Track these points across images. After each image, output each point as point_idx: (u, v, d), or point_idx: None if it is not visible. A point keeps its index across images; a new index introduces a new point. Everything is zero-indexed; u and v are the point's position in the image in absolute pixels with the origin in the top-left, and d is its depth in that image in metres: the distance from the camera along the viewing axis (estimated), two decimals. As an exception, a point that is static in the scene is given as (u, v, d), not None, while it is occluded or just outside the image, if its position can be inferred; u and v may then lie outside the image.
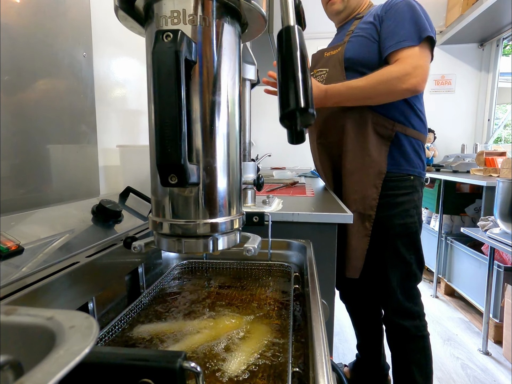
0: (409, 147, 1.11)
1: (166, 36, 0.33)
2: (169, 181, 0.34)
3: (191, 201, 0.41)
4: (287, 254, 0.81)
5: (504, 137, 3.48)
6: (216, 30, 0.40)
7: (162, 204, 0.42)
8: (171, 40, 0.33)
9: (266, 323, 0.55)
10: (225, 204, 0.43)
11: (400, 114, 1.09)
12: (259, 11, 0.42)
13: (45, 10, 0.70)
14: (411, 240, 1.13)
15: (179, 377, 0.29)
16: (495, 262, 1.84)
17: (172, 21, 0.38)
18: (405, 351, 1.19)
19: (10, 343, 0.23)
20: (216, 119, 0.40)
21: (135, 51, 1.19)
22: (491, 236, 1.55)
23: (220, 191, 0.42)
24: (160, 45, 0.33)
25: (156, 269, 0.79)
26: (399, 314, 1.17)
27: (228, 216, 0.43)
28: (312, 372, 0.34)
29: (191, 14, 0.38)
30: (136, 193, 0.80)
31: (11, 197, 0.62)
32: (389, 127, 1.09)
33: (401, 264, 1.14)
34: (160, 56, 0.33)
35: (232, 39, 0.42)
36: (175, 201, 0.41)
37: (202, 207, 0.41)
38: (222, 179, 0.42)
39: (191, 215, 0.41)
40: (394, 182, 1.11)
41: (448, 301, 2.44)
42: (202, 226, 0.41)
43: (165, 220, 0.42)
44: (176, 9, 0.37)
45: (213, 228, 0.42)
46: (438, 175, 2.43)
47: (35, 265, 0.45)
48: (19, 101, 0.64)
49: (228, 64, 0.41)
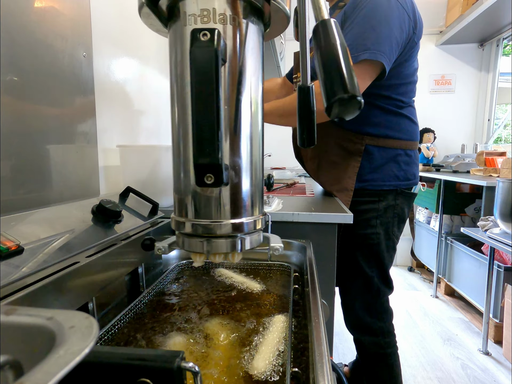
0: (384, 160, 1.04)
1: (203, 34, 0.32)
2: (205, 181, 0.34)
3: (219, 201, 0.41)
4: (287, 254, 0.81)
5: (504, 137, 3.48)
6: (244, 30, 0.40)
7: (188, 204, 0.42)
8: (209, 39, 0.32)
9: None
10: (250, 204, 0.43)
11: (373, 126, 1.02)
12: (285, 12, 0.43)
13: (45, 10, 0.70)
14: (371, 253, 1.06)
15: (177, 376, 0.29)
16: (495, 262, 1.84)
17: (202, 20, 0.38)
18: (369, 367, 1.16)
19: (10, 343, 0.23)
20: (242, 119, 0.41)
21: (135, 51, 1.19)
22: (491, 236, 1.55)
23: (246, 191, 0.42)
24: (199, 44, 0.32)
25: (156, 269, 0.79)
26: (358, 329, 1.14)
27: (251, 216, 0.43)
28: (312, 372, 0.34)
29: (221, 13, 0.38)
30: (136, 193, 0.80)
31: (11, 197, 0.62)
32: (357, 141, 1.03)
33: (360, 277, 1.08)
34: (199, 55, 0.32)
35: (257, 39, 0.42)
36: (202, 201, 0.41)
37: (229, 207, 0.41)
38: (248, 179, 0.42)
39: (217, 215, 0.41)
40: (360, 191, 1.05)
41: (448, 301, 2.44)
42: (228, 226, 0.41)
43: (190, 220, 0.42)
44: (206, 7, 0.38)
45: (240, 228, 0.42)
46: (438, 175, 2.43)
47: (35, 265, 0.45)
48: (19, 101, 0.64)
49: (254, 64, 0.42)
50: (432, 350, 1.86)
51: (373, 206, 1.05)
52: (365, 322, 1.10)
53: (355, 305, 1.10)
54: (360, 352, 1.19)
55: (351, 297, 1.11)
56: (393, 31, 0.90)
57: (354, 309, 1.11)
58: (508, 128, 3.44)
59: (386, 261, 1.08)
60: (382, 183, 1.04)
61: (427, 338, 1.97)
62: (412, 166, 1.09)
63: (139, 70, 1.22)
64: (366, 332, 1.11)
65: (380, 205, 1.05)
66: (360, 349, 1.18)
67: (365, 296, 1.09)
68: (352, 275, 1.09)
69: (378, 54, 0.87)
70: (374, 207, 1.05)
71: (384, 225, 1.06)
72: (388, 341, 1.12)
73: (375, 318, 1.10)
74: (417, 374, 1.66)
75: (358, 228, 1.04)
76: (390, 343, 1.12)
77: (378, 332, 1.10)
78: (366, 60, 0.88)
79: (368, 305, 1.10)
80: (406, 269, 3.14)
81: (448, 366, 1.72)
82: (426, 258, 2.85)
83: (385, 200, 1.05)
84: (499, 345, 1.86)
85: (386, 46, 0.89)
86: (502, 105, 3.31)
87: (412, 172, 1.09)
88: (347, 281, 1.10)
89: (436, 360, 1.77)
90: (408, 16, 0.93)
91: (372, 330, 1.10)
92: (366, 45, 0.88)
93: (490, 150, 2.54)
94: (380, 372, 1.13)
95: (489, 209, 1.89)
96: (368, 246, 1.06)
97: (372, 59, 0.87)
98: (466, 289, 2.24)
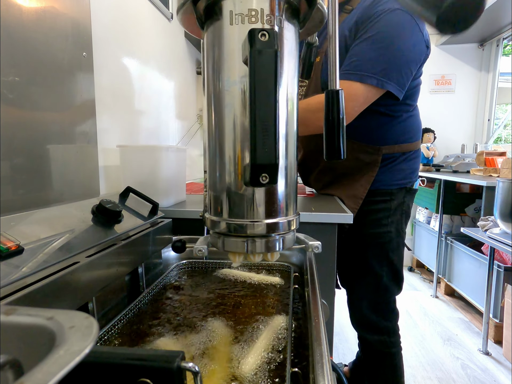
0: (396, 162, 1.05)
1: (261, 35, 0.32)
2: (260, 181, 0.34)
3: (259, 201, 0.41)
4: (287, 254, 0.81)
5: (504, 137, 3.48)
6: (286, 31, 0.40)
7: (229, 204, 0.42)
8: (269, 39, 0.32)
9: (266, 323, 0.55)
10: (286, 204, 0.43)
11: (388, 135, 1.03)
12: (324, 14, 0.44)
13: (45, 9, 0.70)
14: (382, 251, 1.07)
15: (177, 376, 0.29)
16: (495, 262, 1.84)
17: (249, 20, 0.38)
18: (372, 365, 1.16)
19: (10, 343, 0.23)
20: (282, 119, 0.41)
21: (135, 51, 1.19)
22: (491, 236, 1.55)
23: (284, 190, 0.43)
24: (260, 44, 0.32)
25: (156, 269, 0.79)
26: (364, 327, 1.14)
27: (287, 216, 0.44)
28: (312, 372, 0.34)
29: (268, 14, 0.38)
30: (136, 193, 0.80)
31: (11, 197, 0.62)
32: (374, 153, 1.03)
33: (370, 276, 1.08)
34: (261, 56, 0.32)
35: (296, 41, 0.42)
36: (244, 200, 0.41)
37: (268, 207, 0.42)
38: (286, 178, 0.43)
39: (257, 215, 0.41)
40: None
41: (448, 301, 2.44)
42: (267, 226, 0.42)
43: (229, 220, 0.42)
44: (254, 7, 0.38)
45: (278, 227, 0.43)
46: (438, 175, 2.43)
47: (35, 265, 0.45)
48: (19, 101, 0.64)
49: (293, 65, 0.42)
50: (432, 350, 1.86)
51: (385, 205, 1.06)
52: (371, 321, 1.11)
53: (362, 304, 1.11)
54: (364, 350, 1.19)
55: (358, 296, 1.11)
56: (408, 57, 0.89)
57: (361, 307, 1.11)
58: (508, 128, 3.44)
59: (397, 258, 1.09)
60: (393, 182, 1.06)
61: (427, 338, 1.97)
62: (417, 163, 1.12)
63: (139, 70, 1.22)
64: (372, 330, 1.12)
65: (392, 204, 1.06)
66: (364, 347, 1.18)
67: (373, 295, 1.10)
68: (361, 274, 1.09)
69: (385, 83, 0.87)
70: (386, 206, 1.06)
71: (395, 223, 1.07)
72: (393, 341, 1.12)
73: (380, 317, 1.11)
74: (417, 374, 1.66)
75: (369, 228, 1.05)
76: (395, 343, 1.13)
77: (384, 331, 1.11)
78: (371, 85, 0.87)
79: (375, 304, 1.10)
80: (406, 269, 3.14)
81: (448, 366, 1.72)
82: (426, 258, 2.85)
83: (396, 199, 1.06)
84: (499, 345, 1.86)
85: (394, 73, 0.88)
86: (502, 105, 3.32)
87: (416, 168, 1.12)
88: (355, 280, 1.10)
89: (436, 360, 1.77)
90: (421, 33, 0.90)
91: (378, 329, 1.11)
92: (375, 69, 0.86)
93: (490, 150, 2.54)
94: (383, 371, 1.14)
95: (489, 209, 1.89)
96: (380, 245, 1.06)
97: (378, 87, 0.87)
98: (466, 289, 2.24)
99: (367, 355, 1.18)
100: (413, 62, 0.91)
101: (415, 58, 0.91)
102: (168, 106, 1.55)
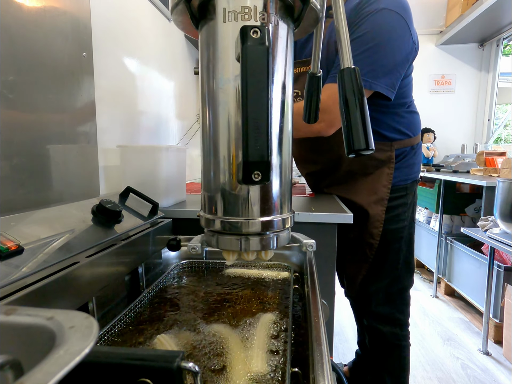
0: (408, 156, 1.08)
1: (253, 32, 0.32)
2: (252, 179, 0.34)
3: (253, 199, 0.41)
4: (287, 254, 0.82)
5: (504, 137, 3.48)
6: (280, 28, 0.40)
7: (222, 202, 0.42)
8: (261, 36, 0.32)
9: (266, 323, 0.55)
10: (281, 202, 0.43)
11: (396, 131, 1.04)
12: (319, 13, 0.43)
13: (45, 9, 0.70)
14: (400, 246, 1.09)
15: (177, 376, 0.29)
16: (495, 262, 1.84)
17: (242, 17, 0.38)
18: (380, 356, 1.17)
19: (10, 343, 0.23)
20: (276, 117, 0.41)
21: (135, 51, 1.19)
22: (491, 236, 1.55)
23: (278, 188, 0.43)
24: (252, 41, 0.32)
25: (156, 269, 0.79)
26: (378, 319, 1.15)
27: (282, 214, 0.44)
28: (312, 372, 0.34)
29: (261, 12, 0.38)
30: (136, 193, 0.80)
31: (11, 197, 0.62)
32: (387, 149, 1.04)
33: (386, 268, 1.10)
34: (253, 52, 0.32)
35: (290, 39, 0.42)
36: (238, 199, 0.41)
37: (262, 205, 0.41)
38: (280, 176, 0.43)
39: (251, 213, 0.41)
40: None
41: (448, 301, 2.44)
42: (262, 224, 0.41)
43: (223, 218, 0.42)
44: (247, 5, 0.38)
45: (272, 225, 0.42)
46: (438, 175, 2.43)
47: (35, 265, 0.45)
48: (19, 102, 0.64)
49: (288, 64, 0.42)
50: (432, 350, 1.86)
51: (402, 200, 1.08)
52: (385, 312, 1.13)
53: (379, 296, 1.12)
54: (373, 340, 1.20)
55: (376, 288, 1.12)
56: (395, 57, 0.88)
57: (377, 298, 1.13)
58: (508, 128, 3.44)
59: (410, 248, 1.11)
60: (407, 176, 1.08)
61: (427, 338, 1.97)
62: (421, 154, 1.16)
63: (139, 70, 1.22)
64: (385, 322, 1.14)
65: (408, 198, 1.08)
66: (374, 337, 1.18)
67: (388, 287, 1.12)
68: (378, 271, 1.10)
69: (373, 84, 0.87)
70: (404, 201, 1.08)
71: (410, 216, 1.10)
72: (404, 335, 1.15)
73: (394, 309, 1.14)
74: (417, 374, 1.66)
75: (389, 224, 1.06)
76: (406, 337, 1.16)
77: (396, 323, 1.14)
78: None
79: (389, 295, 1.12)
80: (406, 269, 3.13)
81: (448, 366, 1.72)
82: (426, 258, 2.84)
83: (410, 193, 1.09)
84: (499, 345, 1.86)
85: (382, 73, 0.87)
86: (502, 105, 3.32)
87: (421, 160, 1.16)
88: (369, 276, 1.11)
89: (436, 360, 1.77)
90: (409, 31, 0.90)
91: (391, 320, 1.14)
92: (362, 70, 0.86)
93: (490, 150, 2.54)
94: (392, 363, 1.15)
95: (489, 209, 1.89)
96: (399, 239, 1.08)
97: (366, 88, 0.86)
98: (466, 289, 2.24)
99: (375, 346, 1.19)
100: (401, 61, 0.91)
101: (403, 57, 0.91)
102: (168, 106, 1.55)
